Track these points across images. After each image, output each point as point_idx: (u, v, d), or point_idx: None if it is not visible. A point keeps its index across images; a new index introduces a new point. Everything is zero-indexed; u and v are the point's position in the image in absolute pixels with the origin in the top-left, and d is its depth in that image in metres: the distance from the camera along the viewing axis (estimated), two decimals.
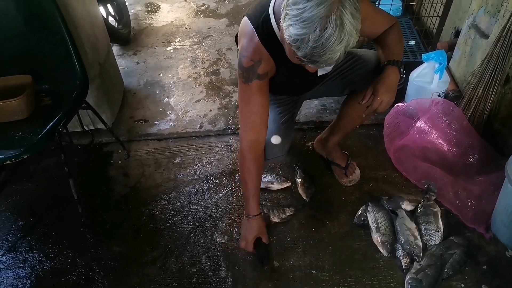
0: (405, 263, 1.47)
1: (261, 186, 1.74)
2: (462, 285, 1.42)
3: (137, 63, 2.64)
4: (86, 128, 1.93)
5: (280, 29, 1.06)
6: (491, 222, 1.57)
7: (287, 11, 0.97)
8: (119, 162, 1.97)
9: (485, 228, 1.56)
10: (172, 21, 3.08)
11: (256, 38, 1.20)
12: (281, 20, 1.01)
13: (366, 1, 1.34)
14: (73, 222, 1.67)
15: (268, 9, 1.19)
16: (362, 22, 1.04)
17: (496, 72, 1.69)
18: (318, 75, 1.43)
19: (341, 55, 0.98)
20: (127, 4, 2.88)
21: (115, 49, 2.72)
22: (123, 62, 2.62)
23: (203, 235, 1.64)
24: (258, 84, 1.25)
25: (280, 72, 1.30)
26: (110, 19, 2.66)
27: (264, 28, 1.20)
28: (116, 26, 2.70)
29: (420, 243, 1.50)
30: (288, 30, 0.98)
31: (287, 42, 1.00)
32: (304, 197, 1.73)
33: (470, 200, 1.63)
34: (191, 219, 1.69)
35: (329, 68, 1.42)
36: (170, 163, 1.95)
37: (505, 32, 1.61)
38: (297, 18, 0.94)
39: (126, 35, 2.78)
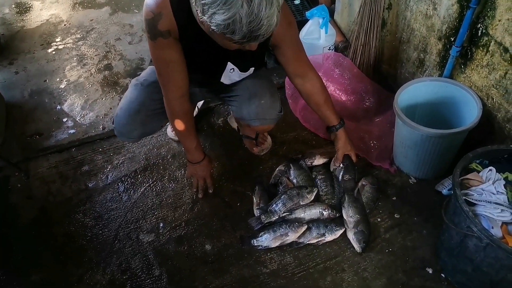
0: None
1: None
2: (379, 219, 1.55)
3: (16, 72, 2.37)
4: None
5: (203, 23, 0.99)
6: (393, 156, 1.72)
7: (202, 2, 0.90)
8: (19, 185, 1.79)
9: (389, 163, 1.70)
10: (48, 19, 2.79)
11: None
12: (199, 14, 0.95)
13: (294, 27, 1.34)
14: None
15: None
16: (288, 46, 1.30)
17: (372, 17, 1.79)
18: (222, 81, 1.42)
19: (277, 18, 0.94)
20: None
21: None
22: None
23: (128, 239, 1.57)
24: (163, 42, 1.16)
25: (184, 46, 1.22)
26: None
27: None
28: None
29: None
30: (214, 19, 0.91)
31: (218, 32, 0.93)
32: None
33: (373, 141, 1.76)
34: (112, 226, 1.61)
35: (234, 77, 1.41)
36: (77, 173, 1.82)
37: None
38: (217, 2, 0.88)
39: None
